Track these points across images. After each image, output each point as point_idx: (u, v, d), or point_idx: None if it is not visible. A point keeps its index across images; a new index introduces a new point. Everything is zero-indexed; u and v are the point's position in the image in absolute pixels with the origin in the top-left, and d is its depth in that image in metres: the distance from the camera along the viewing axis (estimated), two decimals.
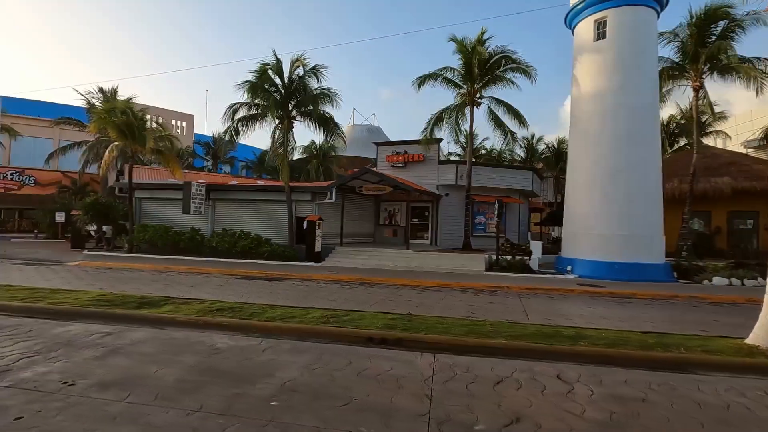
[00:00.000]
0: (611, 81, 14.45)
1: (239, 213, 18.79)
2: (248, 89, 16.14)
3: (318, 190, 17.56)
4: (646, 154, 14.43)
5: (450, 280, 12.96)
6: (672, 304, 10.53)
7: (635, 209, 14.04)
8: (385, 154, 21.48)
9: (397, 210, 21.76)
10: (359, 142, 41.98)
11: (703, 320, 8.35)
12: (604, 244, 14.28)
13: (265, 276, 13.18)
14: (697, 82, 17.90)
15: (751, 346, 5.66)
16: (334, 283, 12.31)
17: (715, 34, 17.44)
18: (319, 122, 17.04)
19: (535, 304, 9.88)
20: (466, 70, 18.02)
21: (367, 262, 16.07)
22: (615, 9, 14.59)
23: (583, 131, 15.38)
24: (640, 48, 14.57)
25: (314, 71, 16.95)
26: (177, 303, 7.79)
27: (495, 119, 18.33)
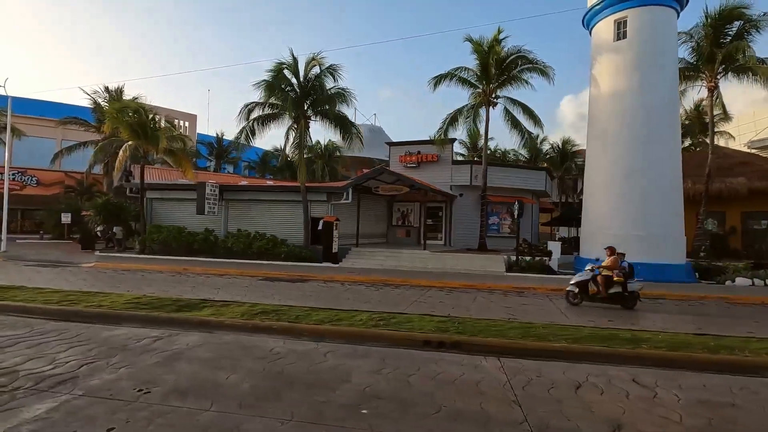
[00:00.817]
0: (631, 81, 14.42)
1: (253, 213, 18.62)
2: (265, 88, 15.98)
3: (334, 191, 17.42)
4: (665, 154, 14.42)
5: (473, 281, 12.88)
6: (703, 305, 10.50)
7: (654, 209, 14.02)
8: (398, 154, 21.39)
9: (410, 210, 21.67)
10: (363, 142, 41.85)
11: (743, 322, 8.29)
12: (624, 243, 14.10)
13: (286, 277, 13.04)
14: (711, 82, 17.95)
15: None
16: (358, 284, 12.20)
17: (730, 35, 17.49)
18: (336, 122, 16.89)
19: (566, 304, 9.81)
20: (482, 70, 17.95)
21: (385, 263, 15.95)
22: (635, 9, 14.55)
23: (602, 131, 15.33)
24: (660, 48, 14.54)
25: (330, 71, 16.81)
26: (216, 306, 7.65)
27: (512, 120, 18.25)
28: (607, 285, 9.29)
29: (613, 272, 9.36)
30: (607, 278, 9.32)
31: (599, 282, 9.40)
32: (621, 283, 9.23)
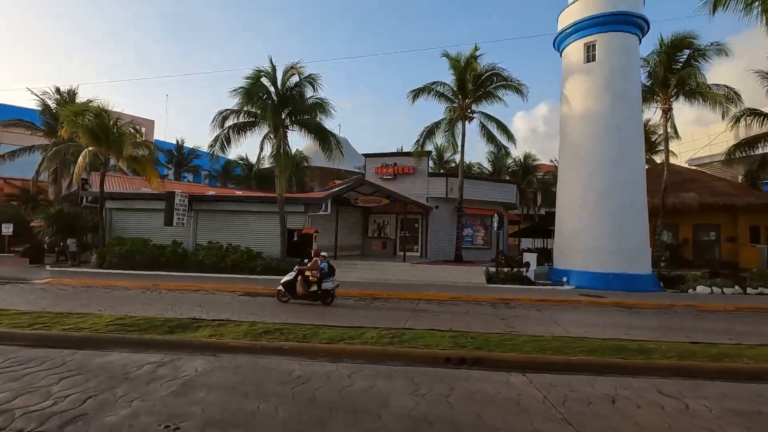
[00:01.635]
0: (602, 102, 15.28)
1: (225, 225, 17.81)
2: (243, 95, 15.43)
3: (312, 202, 17.05)
4: (634, 172, 15.33)
5: (458, 292, 12.96)
6: (676, 313, 11.11)
7: (625, 223, 14.81)
8: (374, 165, 21.35)
9: (386, 222, 21.61)
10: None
11: (718, 328, 8.85)
12: (598, 256, 14.90)
13: (267, 292, 12.49)
14: (666, 104, 19.39)
15: None
16: (345, 298, 11.90)
17: (681, 62, 19.02)
18: (316, 133, 16.59)
19: (558, 315, 10.08)
20: (459, 86, 18.40)
21: (367, 276, 15.72)
22: (603, 34, 15.49)
23: (574, 149, 16.07)
24: (627, 71, 15.55)
25: (310, 80, 16.55)
26: (211, 326, 7.14)
27: (487, 134, 18.80)
28: (307, 284, 10.21)
29: (311, 273, 10.23)
30: (305, 278, 10.22)
31: (299, 282, 10.25)
32: (316, 283, 10.19)
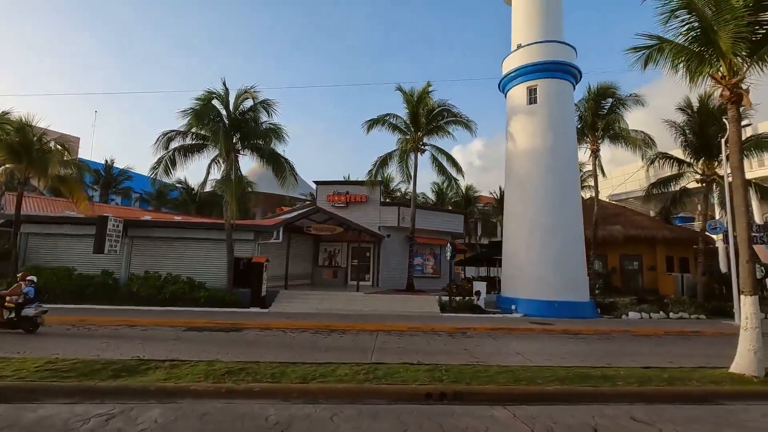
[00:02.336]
0: (545, 141, 16.55)
1: (164, 253, 16.48)
2: (193, 117, 14.69)
3: (263, 229, 16.37)
4: (574, 208, 16.59)
5: (415, 322, 12.93)
6: (616, 338, 11.91)
7: (567, 255, 15.85)
8: (326, 193, 21.14)
9: (337, 251, 21.26)
10: (270, 178, 40.67)
11: (656, 352, 9.60)
12: (543, 285, 15.72)
13: (215, 326, 11.60)
14: (594, 146, 21.44)
15: (740, 375, 6.69)
16: (302, 331, 11.38)
17: (606, 108, 21.30)
18: (269, 159, 16.14)
19: (515, 344, 10.35)
20: (412, 119, 19.04)
21: (320, 306, 15.21)
22: (544, 79, 16.97)
23: (521, 185, 17.09)
24: (564, 114, 17.08)
25: (264, 105, 16.21)
26: (163, 367, 6.42)
27: (438, 166, 19.48)
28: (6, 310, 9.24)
29: (10, 298, 9.29)
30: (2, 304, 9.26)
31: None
32: (15, 309, 9.24)
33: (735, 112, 7.59)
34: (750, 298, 7.06)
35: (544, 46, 16.98)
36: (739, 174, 7.46)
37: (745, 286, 7.20)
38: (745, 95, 7.40)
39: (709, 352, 9.42)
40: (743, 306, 7.18)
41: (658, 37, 8.47)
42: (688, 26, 7.99)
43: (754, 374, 6.69)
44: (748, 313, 7.04)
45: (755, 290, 7.15)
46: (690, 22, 7.79)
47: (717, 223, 18.69)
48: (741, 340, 7.02)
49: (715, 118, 18.27)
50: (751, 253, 7.40)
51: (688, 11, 7.69)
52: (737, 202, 7.53)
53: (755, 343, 6.83)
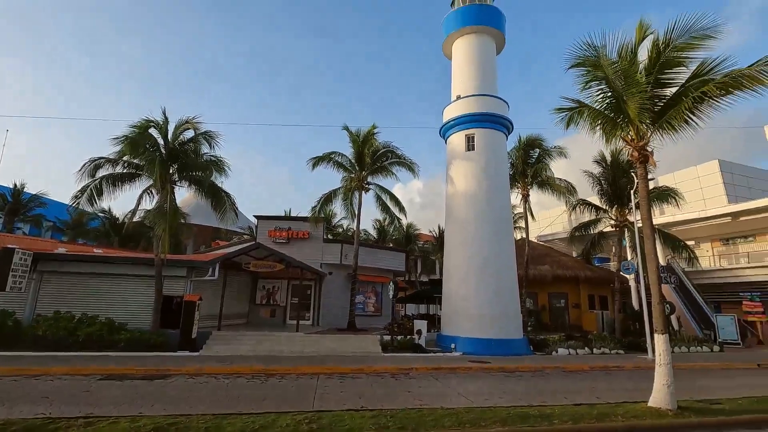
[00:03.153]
0: (480, 184, 17.62)
1: (80, 290, 14.87)
2: (128, 145, 13.82)
3: (198, 265, 15.43)
4: (507, 247, 17.60)
5: (357, 364, 12.66)
6: (549, 375, 12.50)
7: (503, 293, 16.64)
8: (267, 228, 20.56)
9: (276, 288, 20.48)
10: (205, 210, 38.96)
11: (585, 388, 10.22)
12: (481, 323, 16.26)
13: (138, 374, 10.53)
14: (525, 191, 23.19)
15: (657, 408, 7.31)
16: (237, 376, 10.67)
17: (534, 158, 23.31)
18: (209, 192, 15.50)
19: (457, 384, 10.49)
20: (357, 158, 19.45)
21: (258, 348, 14.39)
22: (480, 129, 18.30)
23: (459, 225, 17.89)
24: (498, 160, 18.40)
25: (207, 137, 15.74)
26: (75, 426, 5.68)
27: (382, 204, 19.90)
28: None
29: None
30: None
31: None
32: None
33: (643, 170, 8.71)
34: (662, 336, 7.85)
35: (481, 98, 18.44)
36: (648, 224, 8.47)
37: (657, 325, 8.01)
38: (651, 156, 8.55)
39: (629, 386, 10.19)
40: (657, 344, 7.95)
41: (579, 102, 9.62)
42: (602, 95, 9.18)
43: (669, 407, 7.34)
44: (661, 350, 7.80)
45: (666, 329, 7.98)
46: (605, 92, 8.96)
47: (629, 264, 20.74)
48: (656, 376, 7.72)
49: (625, 171, 20.73)
50: (662, 294, 8.29)
51: (603, 82, 8.86)
52: (648, 249, 8.49)
53: (668, 378, 7.54)
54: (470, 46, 19.65)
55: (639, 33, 8.77)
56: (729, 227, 30.81)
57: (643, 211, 8.66)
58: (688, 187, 32.07)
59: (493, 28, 19.70)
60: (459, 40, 20.00)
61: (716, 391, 9.85)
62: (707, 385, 10.93)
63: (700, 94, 7.82)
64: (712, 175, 34.04)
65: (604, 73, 8.64)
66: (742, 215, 28.66)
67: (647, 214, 8.58)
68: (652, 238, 8.44)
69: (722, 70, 7.88)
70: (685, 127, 8.46)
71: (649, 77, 8.40)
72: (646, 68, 8.56)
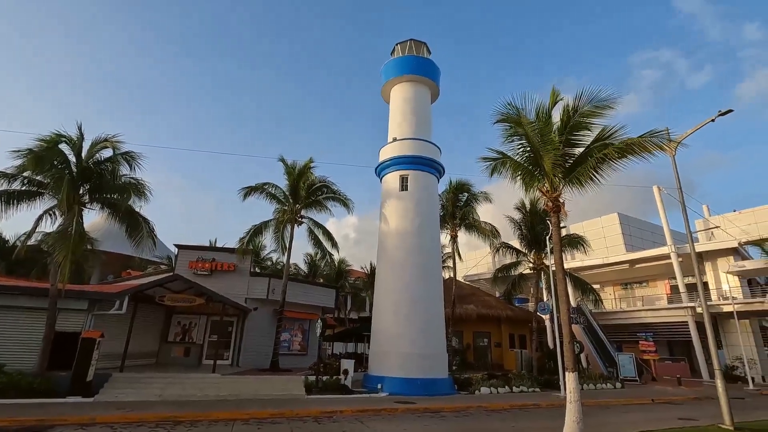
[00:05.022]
0: (413, 223, 18.14)
1: None
2: (31, 160, 12.33)
3: (102, 297, 13.82)
4: (436, 286, 18.06)
5: (278, 407, 11.91)
6: (472, 414, 12.71)
7: (431, 331, 16.88)
8: (189, 259, 19.16)
9: (193, 324, 18.89)
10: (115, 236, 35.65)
11: (507, 427, 10.55)
12: (408, 362, 16.23)
13: (12, 426, 8.96)
14: (453, 231, 24.30)
15: None
16: (137, 425, 9.50)
17: (462, 201, 24.68)
18: (123, 216, 14.19)
19: (382, 427, 10.27)
20: (292, 191, 19.19)
21: (166, 393, 12.96)
22: (413, 171, 19.06)
23: (391, 262, 18.12)
24: (430, 202, 19.17)
25: (128, 157, 14.59)
26: None
27: (315, 239, 19.59)
28: None
29: None
30: None
31: None
32: None
33: (556, 219, 9.61)
34: (572, 374, 8.42)
35: (415, 142, 19.36)
36: (560, 268, 9.25)
37: (568, 363, 8.59)
38: (563, 206, 9.49)
39: (545, 425, 10.67)
40: (568, 381, 8.50)
41: (503, 153, 10.52)
42: (522, 148, 10.14)
43: None
44: (571, 388, 8.34)
45: (575, 367, 8.58)
46: (524, 146, 9.91)
47: (545, 304, 22.27)
48: (567, 413, 8.19)
49: (542, 218, 22.61)
50: (572, 334, 8.96)
51: (523, 137, 9.81)
52: (560, 291, 9.22)
53: (578, 414, 8.04)
54: (407, 93, 20.78)
55: (552, 98, 9.96)
56: (627, 273, 34.65)
57: (557, 256, 9.47)
58: (594, 235, 35.77)
59: (428, 78, 21.09)
60: (397, 86, 21.10)
61: (620, 427, 10.68)
62: (611, 421, 11.81)
63: (602, 155, 8.96)
64: (612, 226, 38.41)
65: (524, 130, 9.59)
66: (637, 263, 32.45)
67: (560, 259, 9.39)
68: (563, 281, 9.21)
69: (620, 136, 9.16)
70: (590, 183, 9.56)
71: (561, 137, 9.47)
72: (559, 129, 9.66)
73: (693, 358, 27.97)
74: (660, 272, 33.53)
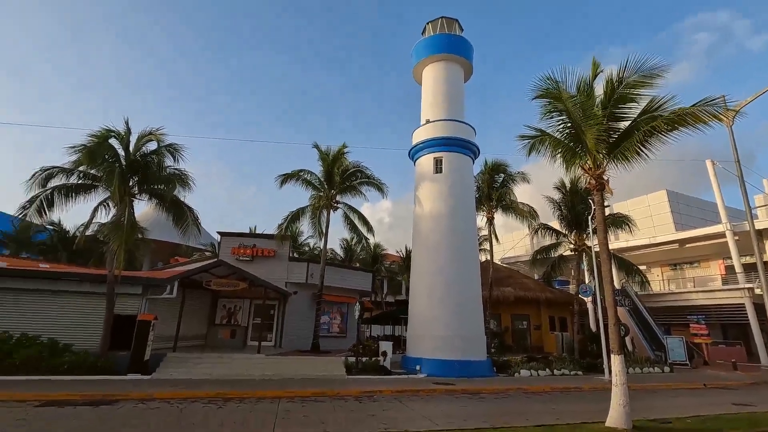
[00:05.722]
0: (448, 206, 17.96)
1: (19, 309, 13.71)
2: (85, 155, 13.17)
3: (155, 283, 14.68)
4: (472, 268, 17.89)
5: (320, 387, 12.33)
6: (512, 396, 12.63)
7: (467, 314, 16.81)
8: (231, 245, 19.95)
9: (238, 308, 19.76)
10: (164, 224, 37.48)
11: (547, 410, 10.39)
12: (446, 344, 16.28)
13: (81, 400, 9.77)
14: (489, 214, 23.83)
15: (614, 429, 7.51)
16: (191, 401, 10.11)
17: (499, 182, 24.09)
18: (170, 206, 14.93)
19: (421, 407, 10.40)
20: (327, 177, 19.42)
21: (215, 372, 13.72)
22: (447, 153, 18.76)
23: (426, 244, 18.09)
24: (465, 183, 18.87)
25: (171, 149, 15.24)
26: None
27: (350, 224, 19.86)
28: None
29: None
30: None
31: None
32: None
33: (600, 198, 9.20)
34: (618, 357, 8.15)
35: (449, 123, 19.00)
36: (605, 249, 8.89)
37: (613, 346, 8.32)
38: (607, 184, 9.05)
39: (588, 408, 10.43)
40: (613, 364, 8.24)
41: (542, 130, 10.11)
42: (563, 124, 9.71)
43: (625, 427, 7.56)
44: (617, 371, 8.08)
45: (621, 350, 8.29)
46: (565, 122, 9.48)
47: (587, 287, 21.54)
48: (613, 396, 7.97)
49: (583, 197, 21.73)
50: (617, 316, 8.65)
51: (563, 113, 9.38)
52: (604, 273, 8.88)
53: (624, 398, 7.80)
54: (439, 72, 20.33)
55: (594, 69, 9.43)
56: (677, 253, 32.83)
57: (600, 236, 9.10)
58: (640, 214, 34.02)
59: (460, 56, 20.51)
60: (429, 66, 20.67)
61: (667, 411, 10.27)
62: (659, 405, 11.38)
63: (650, 128, 8.42)
64: (660, 203, 36.36)
65: (564, 105, 9.16)
66: (688, 242, 30.65)
67: (604, 239, 9.01)
68: (608, 262, 8.85)
69: (670, 107, 8.55)
70: (637, 158, 9.05)
71: (605, 111, 8.98)
72: (602, 102, 9.15)
73: (750, 341, 26.35)
74: (713, 252, 31.53)
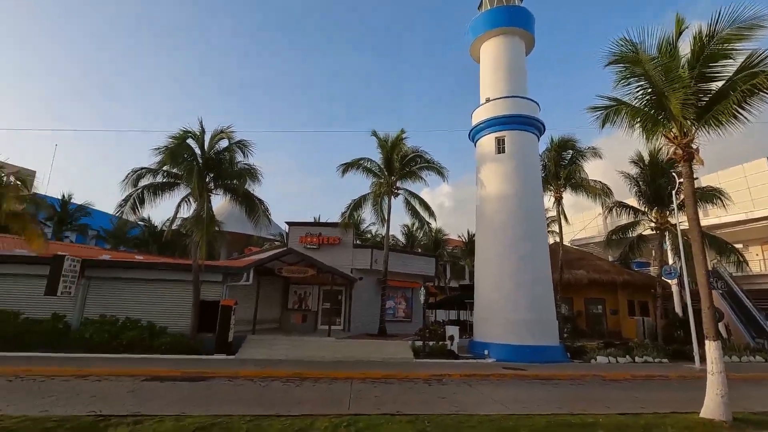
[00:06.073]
0: (514, 187, 17.30)
1: (123, 295, 15.50)
2: (168, 155, 14.46)
3: (233, 271, 15.84)
4: (541, 249, 17.17)
5: (389, 369, 12.61)
6: (587, 383, 12.03)
7: (537, 296, 16.21)
8: (299, 234, 20.89)
9: (308, 294, 20.74)
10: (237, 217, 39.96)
11: (627, 397, 9.77)
12: (515, 328, 15.86)
13: (179, 376, 10.87)
14: (558, 193, 22.58)
15: (710, 420, 6.89)
16: (272, 380, 10.84)
17: (567, 159, 22.69)
18: (242, 199, 15.97)
19: (491, 391, 10.27)
20: (386, 164, 19.53)
21: (290, 353, 14.58)
22: (511, 131, 17.99)
23: (491, 227, 17.62)
24: (530, 162, 18.02)
25: (240, 145, 16.21)
26: (125, 424, 5.92)
27: (411, 209, 19.90)
28: None
29: None
30: None
31: None
32: None
33: (688, 169, 8.32)
34: (714, 343, 7.42)
35: (510, 100, 18.17)
36: (695, 226, 8.05)
37: (708, 331, 7.57)
38: (696, 154, 8.16)
39: (676, 397, 9.67)
40: (708, 351, 7.52)
41: (616, 99, 9.30)
42: (642, 91, 8.84)
43: (723, 419, 6.90)
44: (714, 358, 7.36)
45: (717, 335, 7.53)
46: (644, 88, 8.63)
47: (671, 268, 19.76)
48: (709, 385, 7.29)
49: (664, 171, 19.80)
50: (711, 300, 7.85)
51: (642, 78, 8.54)
52: (695, 252, 8.07)
53: (722, 387, 7.11)
54: (499, 47, 19.44)
55: (677, 27, 8.44)
56: None
57: (690, 211, 8.25)
58: (735, 186, 30.31)
59: (521, 29, 19.43)
60: (487, 42, 19.83)
61: (764, 401, 9.20)
62: (752, 395, 10.22)
63: (750, 86, 7.41)
64: (760, 174, 32.13)
65: (643, 69, 8.33)
66: None
67: (694, 215, 8.17)
68: (699, 240, 8.02)
69: None
70: (733, 123, 8.03)
71: (693, 71, 8.05)
72: (689, 62, 8.20)
73: None
74: None
